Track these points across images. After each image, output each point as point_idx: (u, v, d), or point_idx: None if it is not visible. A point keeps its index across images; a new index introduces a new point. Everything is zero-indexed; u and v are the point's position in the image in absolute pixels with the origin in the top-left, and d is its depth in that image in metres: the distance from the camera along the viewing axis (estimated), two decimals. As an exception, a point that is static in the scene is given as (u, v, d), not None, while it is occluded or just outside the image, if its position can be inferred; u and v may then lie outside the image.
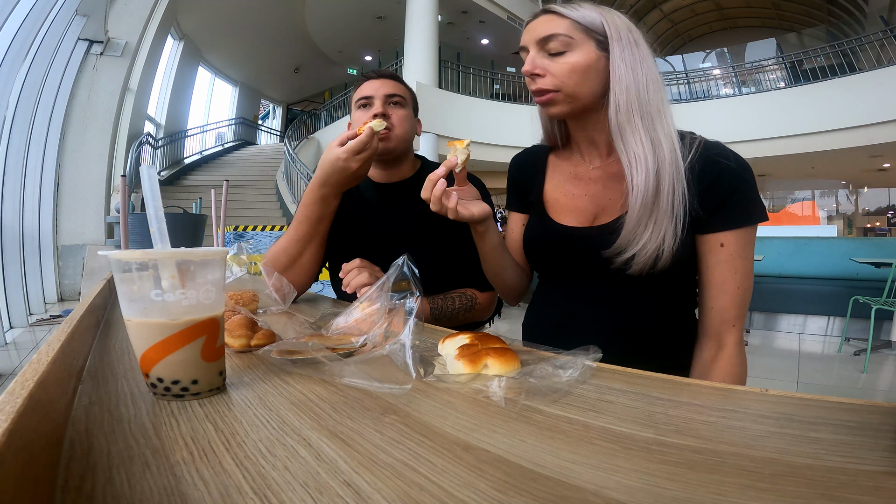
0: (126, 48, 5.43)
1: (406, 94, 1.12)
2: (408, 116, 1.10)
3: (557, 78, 0.73)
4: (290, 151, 8.47)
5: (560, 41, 0.72)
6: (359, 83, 1.13)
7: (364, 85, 1.11)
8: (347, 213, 1.16)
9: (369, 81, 1.10)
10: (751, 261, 0.71)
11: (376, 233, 1.11)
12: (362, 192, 1.16)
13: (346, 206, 1.16)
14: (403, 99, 1.10)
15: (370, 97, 1.09)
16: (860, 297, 3.29)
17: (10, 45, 3.48)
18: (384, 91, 1.08)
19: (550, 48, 0.73)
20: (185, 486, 0.26)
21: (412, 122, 1.13)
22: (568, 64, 0.72)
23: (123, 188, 1.48)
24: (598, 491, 0.26)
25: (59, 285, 4.82)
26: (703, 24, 14.70)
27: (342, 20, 11.45)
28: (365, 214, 1.14)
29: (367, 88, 1.10)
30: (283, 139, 11.52)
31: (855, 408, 0.38)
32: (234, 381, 0.45)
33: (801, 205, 14.36)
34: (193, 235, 2.20)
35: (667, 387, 0.45)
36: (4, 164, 3.90)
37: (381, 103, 1.07)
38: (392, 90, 1.09)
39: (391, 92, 1.09)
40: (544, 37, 0.73)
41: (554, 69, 0.73)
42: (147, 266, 0.39)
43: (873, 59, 7.70)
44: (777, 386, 1.56)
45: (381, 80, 1.10)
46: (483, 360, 0.46)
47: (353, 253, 1.15)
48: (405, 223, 1.10)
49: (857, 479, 0.27)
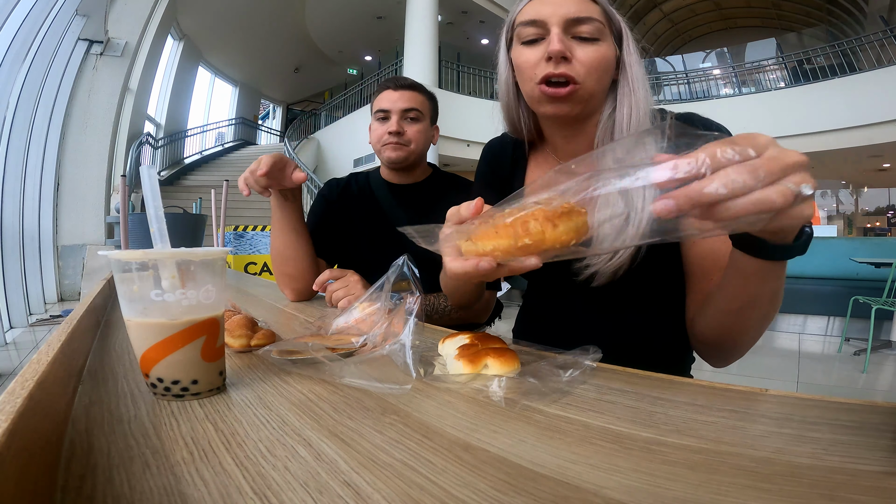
0: (126, 48, 5.43)
1: (424, 104, 1.15)
2: (423, 130, 1.14)
3: (584, 69, 0.62)
4: (290, 151, 8.49)
5: (594, 26, 0.62)
6: (379, 90, 1.16)
7: (383, 95, 1.13)
8: (357, 210, 1.20)
9: (387, 92, 1.13)
10: None
11: (384, 230, 1.15)
12: (374, 190, 1.20)
13: (355, 205, 1.19)
14: (420, 112, 1.13)
15: (387, 111, 1.12)
16: (860, 297, 3.29)
17: (10, 46, 3.48)
18: (401, 105, 1.11)
19: (581, 32, 0.62)
20: (185, 486, 0.26)
21: (427, 134, 1.16)
22: (599, 54, 0.62)
23: (123, 188, 1.48)
24: (598, 491, 0.26)
25: (59, 285, 4.82)
26: (703, 24, 14.69)
27: (342, 20, 11.45)
28: (375, 212, 1.17)
29: (384, 100, 1.12)
30: (283, 139, 11.53)
31: (854, 408, 0.38)
32: (234, 381, 0.45)
33: (801, 205, 14.33)
34: (193, 235, 2.20)
35: (667, 387, 0.45)
36: (4, 164, 3.90)
37: (397, 119, 1.11)
38: (409, 104, 1.12)
39: (408, 106, 1.11)
40: (576, 17, 0.62)
41: (582, 57, 0.62)
42: (147, 266, 0.39)
43: (873, 59, 7.70)
44: (777, 386, 1.56)
45: (400, 93, 1.12)
46: (483, 360, 0.46)
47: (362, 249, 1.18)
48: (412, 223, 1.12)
49: (856, 479, 0.27)
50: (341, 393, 0.42)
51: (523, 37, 0.66)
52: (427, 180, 1.20)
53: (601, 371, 0.50)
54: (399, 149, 1.11)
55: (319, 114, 12.26)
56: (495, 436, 0.33)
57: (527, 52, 0.65)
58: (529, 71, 0.65)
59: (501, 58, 0.73)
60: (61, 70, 4.75)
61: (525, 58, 0.65)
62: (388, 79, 1.16)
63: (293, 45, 12.36)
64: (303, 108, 15.50)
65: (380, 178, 1.21)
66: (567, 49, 0.61)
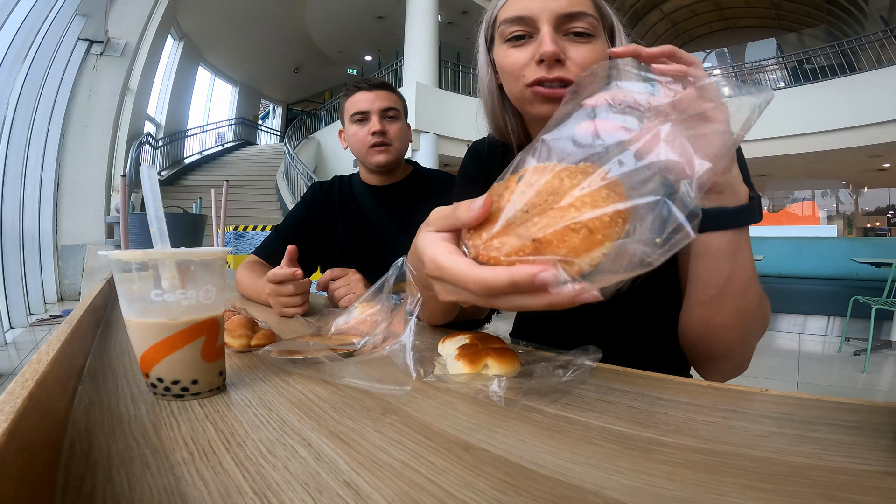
0: (126, 48, 5.43)
1: (398, 103, 1.13)
2: (403, 128, 1.13)
3: (580, 70, 0.56)
4: (290, 151, 8.48)
5: (588, 22, 0.57)
6: (350, 92, 1.12)
7: (357, 97, 1.10)
8: (339, 213, 1.18)
9: (362, 93, 1.10)
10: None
11: (368, 232, 1.14)
12: (356, 193, 1.18)
13: (338, 210, 1.18)
14: (398, 111, 1.12)
15: (366, 112, 1.09)
16: (860, 297, 3.29)
17: (10, 46, 3.48)
18: (379, 105, 1.09)
19: (574, 28, 0.57)
20: (185, 486, 0.26)
21: (406, 132, 1.15)
22: (594, 54, 0.57)
23: (123, 188, 1.48)
24: (598, 491, 0.26)
25: (59, 285, 4.82)
26: (703, 24, 14.69)
27: (342, 20, 11.45)
28: (357, 215, 1.16)
29: (361, 102, 1.09)
30: (283, 139, 11.54)
31: (855, 408, 0.38)
32: (234, 381, 0.45)
33: (801, 205, 14.36)
34: (193, 235, 2.20)
35: (667, 387, 0.45)
36: (4, 164, 3.90)
37: (377, 119, 1.08)
38: (387, 103, 1.09)
39: (386, 105, 1.09)
40: (568, 13, 0.56)
41: (577, 57, 0.57)
42: (147, 266, 0.39)
43: (873, 59, 7.70)
44: (777, 386, 1.56)
45: (376, 93, 1.10)
46: (483, 360, 0.46)
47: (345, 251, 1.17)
48: (396, 223, 1.13)
49: (856, 479, 0.27)
50: (341, 393, 0.42)
51: (507, 35, 0.59)
52: (407, 179, 1.19)
53: (601, 371, 0.49)
54: (387, 151, 1.10)
55: (319, 114, 12.27)
56: (495, 436, 0.33)
57: (514, 53, 0.59)
58: (516, 73, 0.59)
59: (481, 58, 0.67)
60: (61, 70, 4.76)
61: (512, 59, 0.59)
62: (355, 81, 1.13)
63: (293, 45, 12.37)
64: (303, 108, 15.51)
65: (360, 181, 1.19)
66: (560, 50, 0.56)
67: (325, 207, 1.20)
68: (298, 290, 0.81)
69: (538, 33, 0.58)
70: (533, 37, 0.59)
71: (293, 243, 1.14)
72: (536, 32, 0.58)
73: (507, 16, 0.59)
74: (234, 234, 4.03)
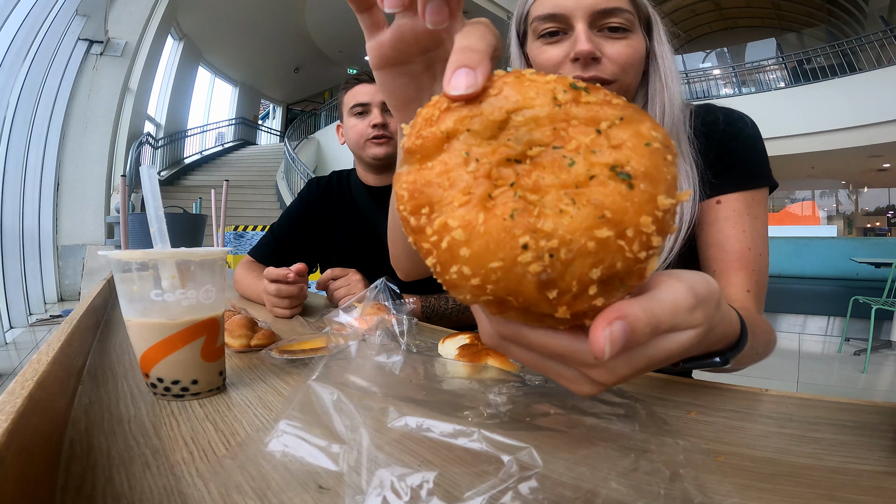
0: (126, 48, 5.44)
1: None
2: None
3: (617, 67, 0.56)
4: (290, 151, 8.48)
5: (624, 18, 0.56)
6: (349, 85, 1.10)
7: (358, 89, 1.08)
8: (337, 214, 1.16)
9: (363, 85, 1.08)
10: (763, 222, 0.57)
11: (367, 234, 1.12)
12: (354, 194, 1.16)
13: (335, 208, 1.17)
14: None
15: (367, 104, 1.07)
16: (860, 297, 3.29)
17: (10, 46, 3.48)
18: (381, 97, 1.07)
19: (609, 24, 0.56)
20: (185, 486, 0.26)
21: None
22: (631, 49, 0.56)
23: (123, 188, 1.47)
24: (598, 491, 0.26)
25: (59, 285, 4.82)
26: (703, 24, 14.69)
27: (342, 20, 11.43)
28: (355, 216, 1.14)
29: (362, 94, 1.07)
30: (283, 139, 11.54)
31: (855, 408, 0.38)
32: (234, 381, 0.45)
33: (801, 205, 14.36)
34: (193, 235, 2.20)
35: (667, 387, 0.45)
36: (4, 164, 3.90)
37: (378, 112, 1.06)
38: None
39: None
40: (603, 9, 0.55)
41: (613, 54, 0.56)
42: (147, 266, 0.39)
43: (873, 59, 7.70)
44: (777, 386, 1.55)
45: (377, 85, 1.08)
46: (483, 360, 0.46)
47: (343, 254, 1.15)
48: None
49: (857, 479, 0.27)
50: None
51: (541, 31, 0.58)
52: None
53: (601, 371, 0.49)
54: (386, 143, 1.05)
55: (319, 114, 12.27)
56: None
57: (549, 51, 0.58)
58: (552, 71, 0.58)
59: (514, 53, 0.67)
60: (61, 70, 4.76)
61: (547, 56, 0.58)
62: (356, 73, 1.09)
63: (293, 45, 12.37)
64: (303, 108, 15.51)
65: (358, 181, 1.16)
66: (596, 48, 0.55)
67: (323, 203, 1.18)
68: (282, 293, 0.82)
69: (572, 30, 0.56)
70: (567, 34, 0.57)
71: (288, 242, 1.13)
72: (570, 29, 0.57)
73: (539, 13, 0.58)
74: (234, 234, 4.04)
